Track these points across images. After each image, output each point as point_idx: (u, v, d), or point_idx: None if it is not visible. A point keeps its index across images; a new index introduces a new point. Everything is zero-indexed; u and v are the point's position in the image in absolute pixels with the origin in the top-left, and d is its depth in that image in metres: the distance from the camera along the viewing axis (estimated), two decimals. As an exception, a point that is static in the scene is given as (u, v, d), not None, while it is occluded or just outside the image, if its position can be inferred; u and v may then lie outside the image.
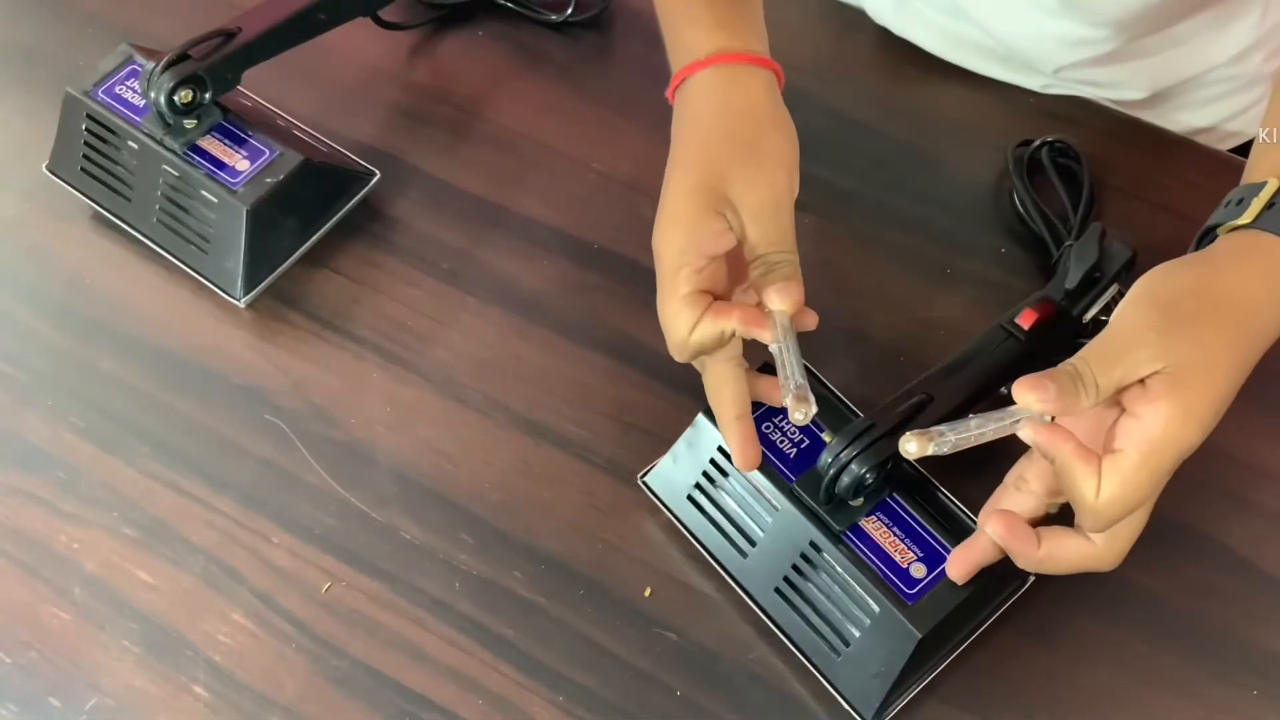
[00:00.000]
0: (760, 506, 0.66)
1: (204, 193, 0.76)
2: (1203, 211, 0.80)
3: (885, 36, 0.91)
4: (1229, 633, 0.67)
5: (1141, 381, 0.57)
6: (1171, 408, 0.56)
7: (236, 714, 0.66)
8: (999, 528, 0.60)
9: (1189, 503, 0.66)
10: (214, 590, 0.69)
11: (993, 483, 0.63)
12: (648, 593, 0.68)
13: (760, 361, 0.67)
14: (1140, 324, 0.58)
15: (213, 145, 0.77)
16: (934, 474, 0.67)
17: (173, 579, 0.69)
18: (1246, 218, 0.61)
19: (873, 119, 0.86)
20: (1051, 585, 0.68)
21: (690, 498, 0.68)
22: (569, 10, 0.88)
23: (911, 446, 0.56)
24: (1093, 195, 0.79)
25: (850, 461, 0.62)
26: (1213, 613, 0.67)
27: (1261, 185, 0.62)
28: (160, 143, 0.77)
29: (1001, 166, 0.82)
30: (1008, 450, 0.62)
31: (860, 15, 0.91)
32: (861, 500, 0.64)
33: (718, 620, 0.67)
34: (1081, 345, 0.59)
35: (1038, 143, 0.81)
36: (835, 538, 0.64)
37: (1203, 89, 0.88)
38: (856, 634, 0.63)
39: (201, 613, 0.68)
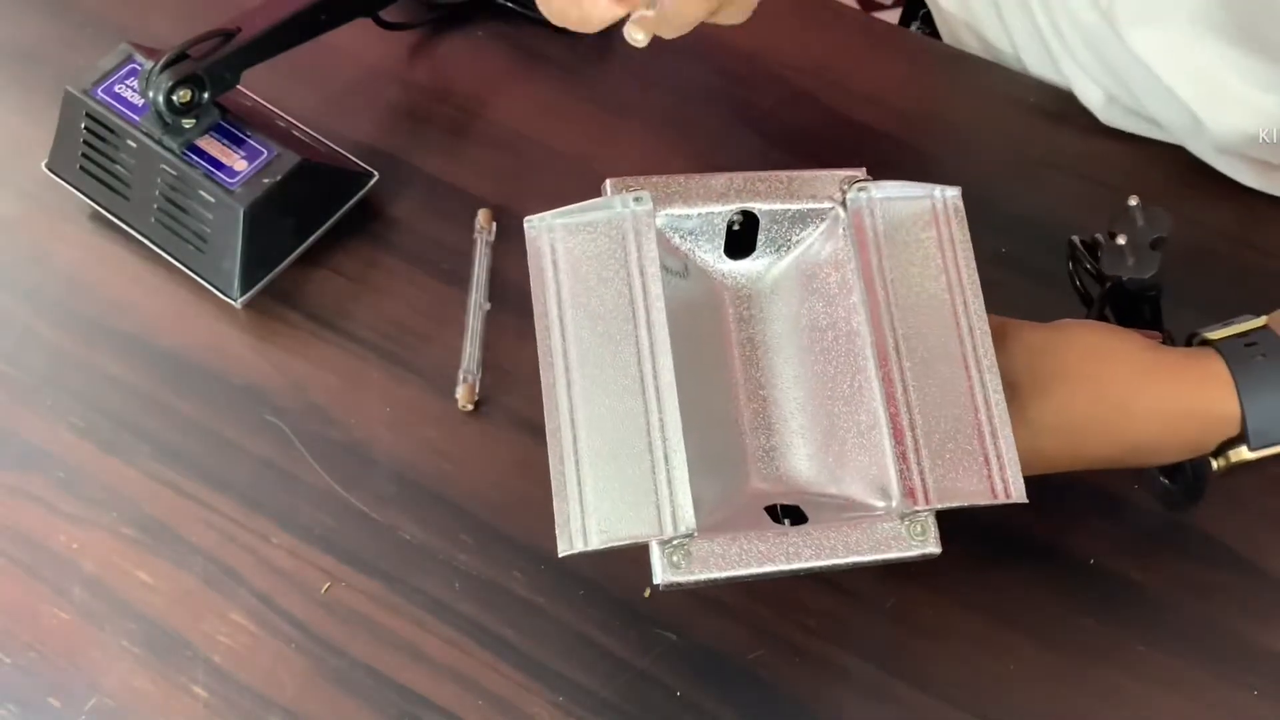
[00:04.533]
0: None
1: (201, 193, 0.76)
2: (1200, 210, 0.81)
3: (885, 36, 0.91)
4: (1229, 633, 0.67)
5: None
6: None
7: (236, 714, 0.66)
8: None
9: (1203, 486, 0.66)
10: (214, 590, 0.69)
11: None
12: (648, 593, 0.68)
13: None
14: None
15: (211, 145, 0.77)
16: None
17: (172, 579, 0.69)
18: (1214, 334, 0.63)
19: (873, 119, 0.86)
20: (1051, 585, 0.68)
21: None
22: (569, 10, 0.88)
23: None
24: None
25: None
26: (1213, 613, 0.67)
27: (1253, 318, 0.64)
28: (159, 142, 0.77)
29: (1001, 166, 0.82)
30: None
31: (861, 16, 0.91)
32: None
33: (718, 620, 0.67)
34: None
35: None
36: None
37: None
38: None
39: (201, 613, 0.68)
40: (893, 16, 1.05)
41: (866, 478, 0.61)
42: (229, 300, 0.77)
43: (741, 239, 0.66)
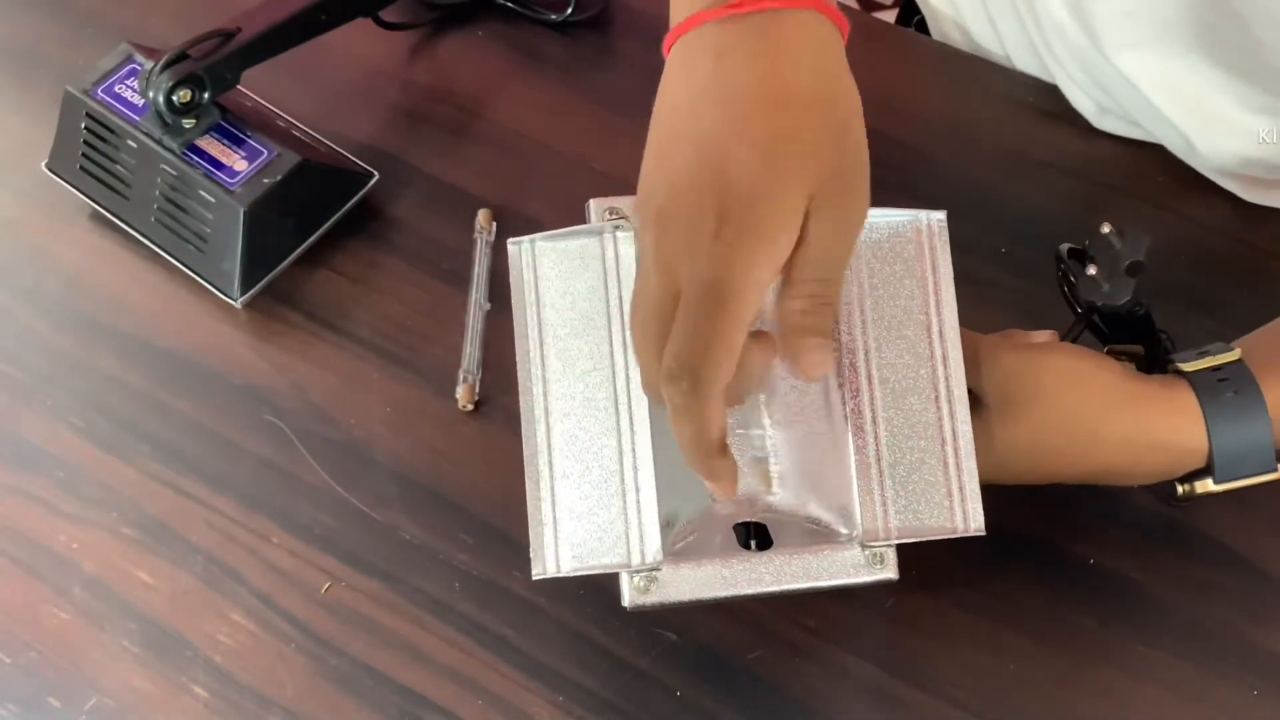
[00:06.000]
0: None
1: (201, 193, 0.76)
2: (1199, 209, 0.81)
3: (884, 36, 0.91)
4: (1229, 633, 0.67)
5: None
6: None
7: (236, 714, 0.66)
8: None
9: (1189, 503, 0.66)
10: (214, 590, 0.69)
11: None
12: (648, 593, 0.68)
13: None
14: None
15: (211, 145, 0.77)
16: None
17: (173, 579, 0.69)
18: (1188, 365, 0.63)
19: (871, 119, 0.85)
20: (1051, 585, 0.68)
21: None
22: (569, 10, 0.88)
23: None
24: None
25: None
26: (1213, 613, 0.67)
27: (1228, 349, 0.64)
28: (159, 142, 0.77)
29: (1001, 165, 0.82)
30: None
31: (860, 16, 0.91)
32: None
33: (718, 620, 0.67)
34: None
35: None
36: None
37: None
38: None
39: (201, 613, 0.68)
40: (892, 16, 1.05)
41: (833, 503, 0.63)
42: (229, 300, 0.77)
43: None
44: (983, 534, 0.62)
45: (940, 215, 0.64)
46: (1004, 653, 0.67)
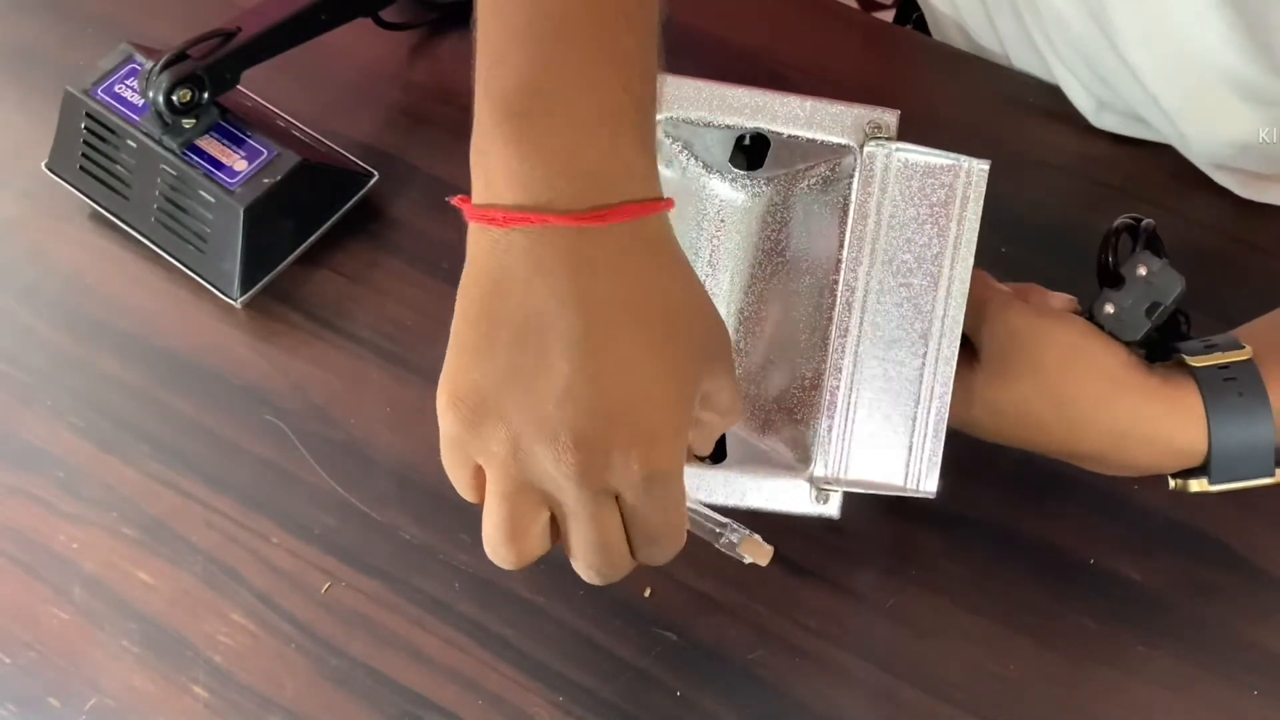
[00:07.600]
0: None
1: (201, 192, 0.76)
2: (1199, 208, 0.81)
3: (884, 35, 0.91)
4: (1229, 633, 0.67)
5: None
6: None
7: (236, 714, 0.66)
8: None
9: (1190, 502, 0.66)
10: (214, 590, 0.69)
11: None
12: (648, 593, 0.68)
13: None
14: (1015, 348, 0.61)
15: (211, 145, 0.77)
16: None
17: (172, 579, 0.69)
18: (1197, 360, 0.61)
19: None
20: (1051, 585, 0.68)
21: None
22: (568, 10, 0.88)
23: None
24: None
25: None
26: (1213, 613, 0.67)
27: (1238, 346, 0.61)
28: (159, 142, 0.77)
29: (1000, 165, 0.82)
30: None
31: (860, 15, 0.91)
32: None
33: (718, 620, 0.67)
34: None
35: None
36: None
37: None
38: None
39: (201, 613, 0.68)
40: (890, 16, 1.05)
41: (793, 433, 0.63)
42: (229, 300, 0.77)
43: (749, 152, 0.64)
44: (932, 497, 0.61)
45: (984, 164, 0.61)
46: (1004, 653, 0.67)
